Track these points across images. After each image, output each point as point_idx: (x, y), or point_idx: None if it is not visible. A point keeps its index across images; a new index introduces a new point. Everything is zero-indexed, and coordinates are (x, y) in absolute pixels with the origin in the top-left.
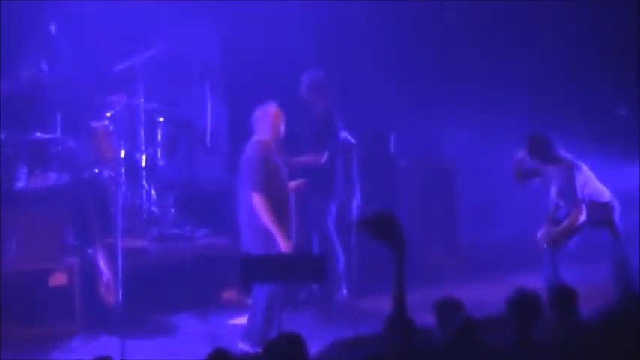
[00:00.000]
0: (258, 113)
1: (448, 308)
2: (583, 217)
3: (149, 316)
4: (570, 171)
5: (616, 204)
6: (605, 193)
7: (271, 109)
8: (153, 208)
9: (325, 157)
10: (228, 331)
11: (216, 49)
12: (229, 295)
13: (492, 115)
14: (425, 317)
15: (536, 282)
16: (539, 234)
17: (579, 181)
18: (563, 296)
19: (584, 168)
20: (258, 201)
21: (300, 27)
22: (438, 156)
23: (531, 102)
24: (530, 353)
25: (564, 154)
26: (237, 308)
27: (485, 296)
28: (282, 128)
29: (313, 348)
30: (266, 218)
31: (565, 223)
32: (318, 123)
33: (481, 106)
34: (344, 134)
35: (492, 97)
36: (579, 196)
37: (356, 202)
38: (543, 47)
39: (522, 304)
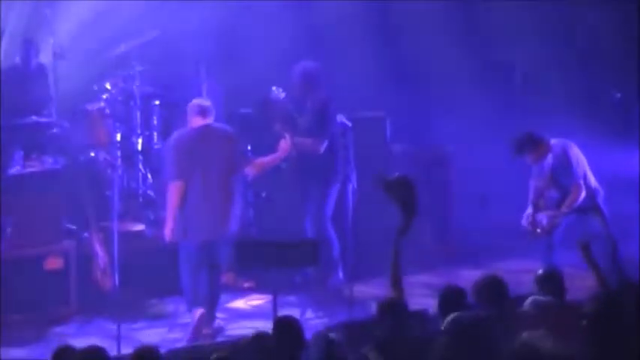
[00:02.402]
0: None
1: (451, 297)
2: (584, 194)
3: (145, 300)
4: (565, 151)
5: (600, 189)
6: (592, 179)
7: (192, 104)
8: (149, 192)
9: (324, 145)
10: (225, 313)
11: (212, 34)
12: (225, 278)
13: (488, 101)
14: (417, 301)
15: (526, 267)
16: (525, 221)
17: (574, 159)
18: (552, 279)
19: (576, 148)
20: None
21: (293, 12)
22: (433, 142)
23: (527, 87)
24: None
25: (554, 140)
26: (232, 291)
27: None
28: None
29: (308, 332)
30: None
31: (566, 203)
32: (314, 113)
33: (477, 91)
34: (340, 117)
35: (489, 83)
36: (577, 173)
37: (351, 186)
38: (539, 31)
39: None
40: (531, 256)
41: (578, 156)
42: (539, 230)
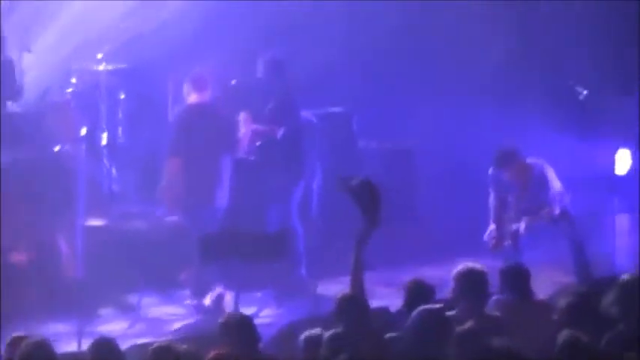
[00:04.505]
0: None
1: (418, 292)
2: (557, 212)
3: (110, 294)
4: (542, 173)
5: (566, 193)
6: (559, 184)
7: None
8: (114, 186)
9: (281, 132)
10: (188, 310)
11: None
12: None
13: (456, 95)
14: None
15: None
16: (488, 237)
17: (551, 182)
18: (517, 276)
19: (551, 170)
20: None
21: (265, 3)
22: (401, 136)
23: (496, 83)
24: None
25: (530, 159)
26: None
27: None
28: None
29: (271, 329)
30: None
31: (539, 218)
32: (276, 102)
33: (445, 86)
34: (305, 113)
35: (457, 78)
36: (553, 197)
37: (317, 183)
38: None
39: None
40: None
41: (553, 176)
42: (506, 243)
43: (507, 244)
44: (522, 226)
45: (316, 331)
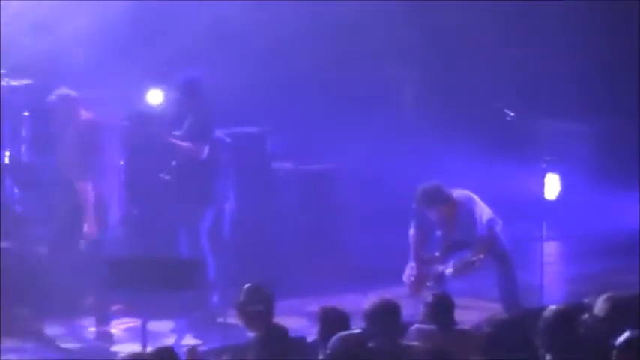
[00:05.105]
0: None
1: (332, 320)
2: (486, 251)
3: (11, 320)
4: (471, 209)
5: (498, 220)
6: (489, 213)
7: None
8: (17, 208)
9: (206, 151)
10: (94, 337)
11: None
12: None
13: (378, 118)
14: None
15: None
16: (408, 277)
17: (479, 216)
18: (440, 306)
19: (479, 202)
20: None
21: (176, 17)
22: (318, 159)
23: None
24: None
25: (456, 192)
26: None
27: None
28: None
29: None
30: None
31: (468, 259)
32: (196, 122)
33: (367, 109)
34: (218, 133)
35: (379, 101)
36: (481, 230)
37: (229, 206)
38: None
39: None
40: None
41: (481, 209)
42: (429, 284)
43: (430, 285)
44: (450, 270)
45: None
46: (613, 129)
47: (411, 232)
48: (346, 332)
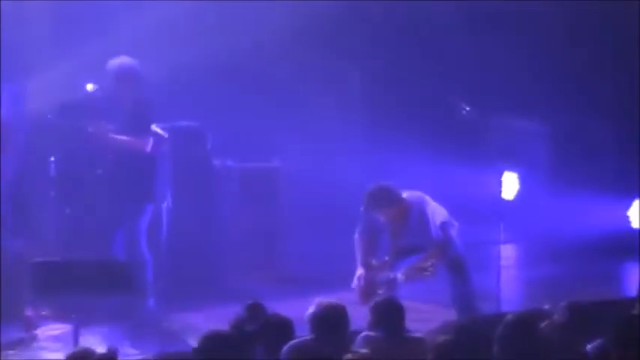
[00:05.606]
0: None
1: (276, 328)
2: (440, 256)
3: None
4: (422, 211)
5: (454, 222)
6: (444, 215)
7: None
8: None
9: (150, 145)
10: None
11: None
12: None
13: (327, 115)
14: None
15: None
16: (357, 284)
17: (431, 218)
18: (388, 312)
19: (430, 202)
20: None
21: (118, 10)
22: (263, 157)
23: (366, 107)
24: None
25: (405, 193)
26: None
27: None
28: None
29: None
30: None
31: (421, 264)
32: (133, 114)
33: (315, 104)
34: (155, 127)
35: (323, 98)
36: (436, 234)
37: (166, 204)
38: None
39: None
40: None
41: (434, 210)
42: (380, 292)
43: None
44: (402, 277)
45: None
46: (571, 128)
47: (356, 236)
48: (297, 341)
